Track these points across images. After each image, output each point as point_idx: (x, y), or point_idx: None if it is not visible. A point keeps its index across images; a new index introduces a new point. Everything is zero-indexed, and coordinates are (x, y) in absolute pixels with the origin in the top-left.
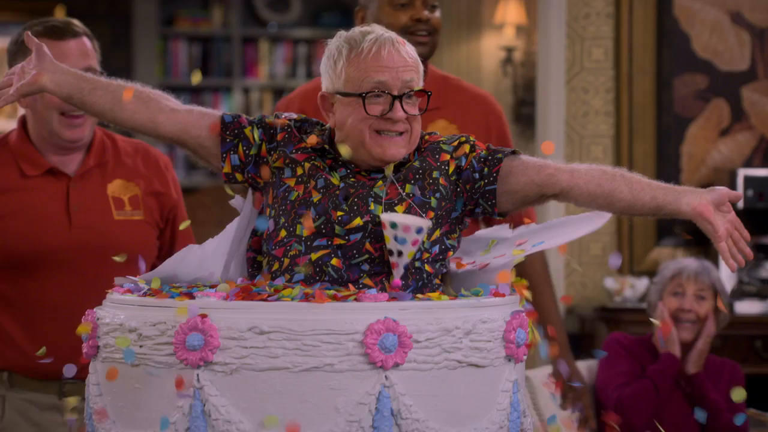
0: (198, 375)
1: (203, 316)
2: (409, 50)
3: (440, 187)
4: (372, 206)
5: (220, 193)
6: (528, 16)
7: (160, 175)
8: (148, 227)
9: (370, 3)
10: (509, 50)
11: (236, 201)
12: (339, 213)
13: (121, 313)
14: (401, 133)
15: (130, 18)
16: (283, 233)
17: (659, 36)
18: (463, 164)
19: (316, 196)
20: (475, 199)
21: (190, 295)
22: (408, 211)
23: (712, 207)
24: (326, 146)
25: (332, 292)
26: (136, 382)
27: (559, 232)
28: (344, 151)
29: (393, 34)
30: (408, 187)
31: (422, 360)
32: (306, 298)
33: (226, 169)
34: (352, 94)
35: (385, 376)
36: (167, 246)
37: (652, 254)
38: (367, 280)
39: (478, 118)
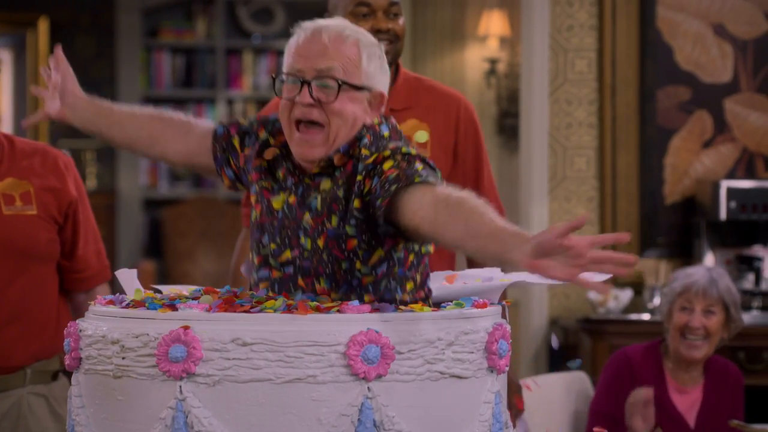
0: (180, 387)
1: (186, 327)
2: (335, 40)
3: (354, 213)
4: (302, 239)
5: (204, 204)
6: (511, 27)
7: (58, 173)
8: (41, 222)
9: (335, 12)
10: (493, 62)
11: (245, 268)
12: (273, 245)
13: (104, 325)
14: (320, 126)
15: (114, 29)
16: (250, 254)
17: (642, 48)
18: (373, 185)
19: (266, 222)
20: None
21: (173, 307)
22: (326, 244)
23: (536, 259)
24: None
25: (315, 303)
26: (119, 394)
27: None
28: (269, 154)
29: (333, 23)
30: (334, 220)
31: (405, 371)
32: (289, 309)
33: (227, 183)
34: (275, 79)
35: (368, 388)
36: (69, 243)
37: (636, 266)
38: None
39: (448, 117)
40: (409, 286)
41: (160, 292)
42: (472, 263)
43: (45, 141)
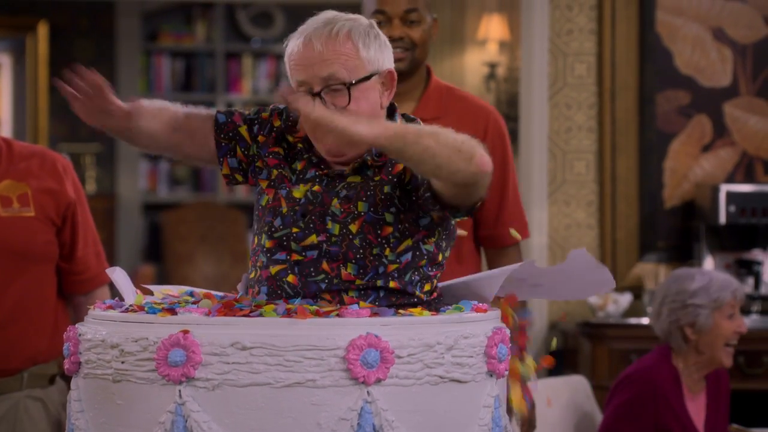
0: (180, 391)
1: (185, 332)
2: (327, 43)
3: (395, 201)
4: (329, 224)
5: (203, 208)
6: (511, 32)
7: (56, 175)
8: (39, 223)
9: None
10: (492, 66)
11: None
12: (295, 229)
13: (103, 329)
14: None
15: (113, 34)
16: (255, 240)
17: (642, 52)
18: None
19: (284, 206)
20: (427, 207)
21: (172, 311)
22: (362, 229)
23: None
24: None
25: (314, 307)
26: (118, 398)
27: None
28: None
29: (320, 22)
30: (360, 205)
31: (404, 375)
32: (288, 313)
33: (225, 170)
34: None
35: (367, 392)
36: (68, 245)
37: (635, 269)
38: (325, 295)
39: (476, 129)
40: (427, 287)
41: (151, 293)
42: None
43: (44, 144)
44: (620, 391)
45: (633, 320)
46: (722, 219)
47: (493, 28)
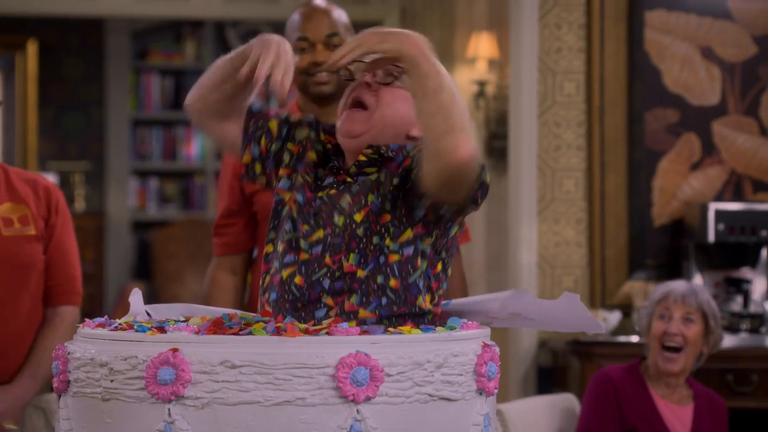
0: (169, 409)
1: (174, 350)
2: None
3: (391, 188)
4: (336, 218)
5: (193, 226)
6: (500, 50)
7: (48, 199)
8: (38, 243)
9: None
10: (481, 84)
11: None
12: (305, 227)
13: (92, 348)
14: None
15: (103, 51)
16: (271, 248)
17: (630, 70)
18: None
19: (294, 210)
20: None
21: (162, 330)
22: (366, 218)
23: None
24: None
25: (304, 325)
26: (107, 417)
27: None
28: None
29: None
30: (370, 197)
31: (394, 394)
32: (278, 331)
33: (246, 158)
34: None
35: (357, 410)
36: (47, 261)
37: (624, 288)
38: (328, 300)
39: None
40: (429, 298)
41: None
42: None
43: (34, 163)
44: (587, 393)
45: (622, 338)
46: (711, 237)
47: (483, 46)
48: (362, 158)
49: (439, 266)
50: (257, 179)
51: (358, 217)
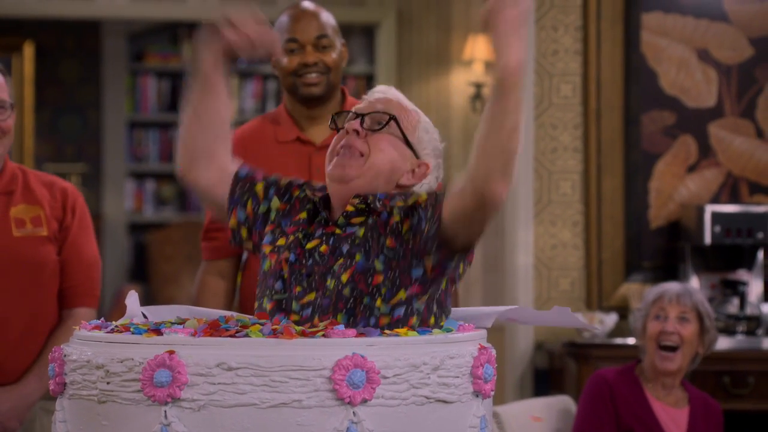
0: (166, 411)
1: (171, 352)
2: None
3: (387, 249)
4: (328, 281)
5: (189, 228)
6: None
7: (65, 200)
8: (50, 244)
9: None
10: (478, 86)
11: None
12: (298, 288)
13: (89, 350)
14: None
15: (99, 54)
16: (255, 305)
17: (627, 73)
18: (413, 221)
19: (286, 270)
20: (427, 247)
21: (158, 332)
22: (352, 277)
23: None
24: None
25: (300, 328)
26: (103, 419)
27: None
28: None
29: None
30: (357, 256)
31: (390, 396)
32: (274, 334)
33: (232, 223)
34: None
35: (353, 412)
36: (62, 262)
37: (621, 289)
38: None
39: None
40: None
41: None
42: None
43: (30, 165)
44: (583, 395)
45: (619, 340)
46: (707, 239)
47: (479, 48)
48: (350, 208)
49: (432, 320)
50: (244, 244)
51: (344, 278)
